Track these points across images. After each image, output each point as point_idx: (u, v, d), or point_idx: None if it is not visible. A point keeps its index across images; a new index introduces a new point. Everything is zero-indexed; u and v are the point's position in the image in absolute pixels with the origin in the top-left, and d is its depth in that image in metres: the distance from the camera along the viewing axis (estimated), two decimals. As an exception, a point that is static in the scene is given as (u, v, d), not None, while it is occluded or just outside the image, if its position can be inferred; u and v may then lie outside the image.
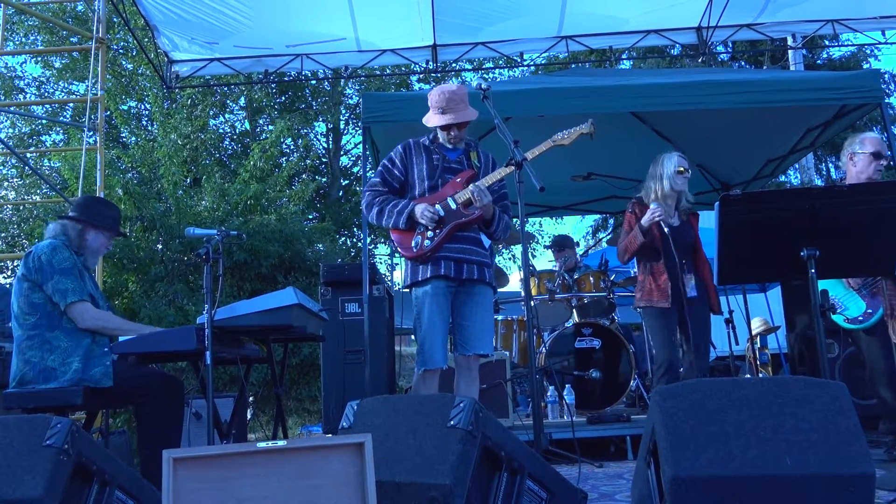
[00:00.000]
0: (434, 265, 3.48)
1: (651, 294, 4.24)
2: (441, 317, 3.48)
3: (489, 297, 3.64)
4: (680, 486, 1.90)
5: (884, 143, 4.16)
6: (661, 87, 5.22)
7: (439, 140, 3.66)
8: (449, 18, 7.30)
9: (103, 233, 3.64)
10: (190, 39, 7.44)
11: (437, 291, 3.47)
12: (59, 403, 3.25)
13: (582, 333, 5.70)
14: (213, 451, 1.94)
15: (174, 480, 1.81)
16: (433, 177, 3.57)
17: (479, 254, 3.57)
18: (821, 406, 1.98)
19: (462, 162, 3.64)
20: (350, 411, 2.48)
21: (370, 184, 3.71)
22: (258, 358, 4.09)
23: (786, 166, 7.65)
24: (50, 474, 2.13)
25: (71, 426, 2.25)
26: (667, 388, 2.14)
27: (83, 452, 2.27)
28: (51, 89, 16.78)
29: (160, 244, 10.29)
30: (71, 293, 3.36)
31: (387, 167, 3.68)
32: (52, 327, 3.35)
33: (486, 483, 2.16)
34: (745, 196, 2.88)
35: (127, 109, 15.50)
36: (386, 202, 3.58)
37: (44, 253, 3.40)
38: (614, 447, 4.93)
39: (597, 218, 18.27)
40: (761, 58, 16.20)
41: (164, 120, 12.13)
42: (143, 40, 7.85)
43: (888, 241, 2.74)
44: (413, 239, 3.51)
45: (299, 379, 10.45)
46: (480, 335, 3.53)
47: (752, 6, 7.32)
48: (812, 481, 1.87)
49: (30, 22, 15.40)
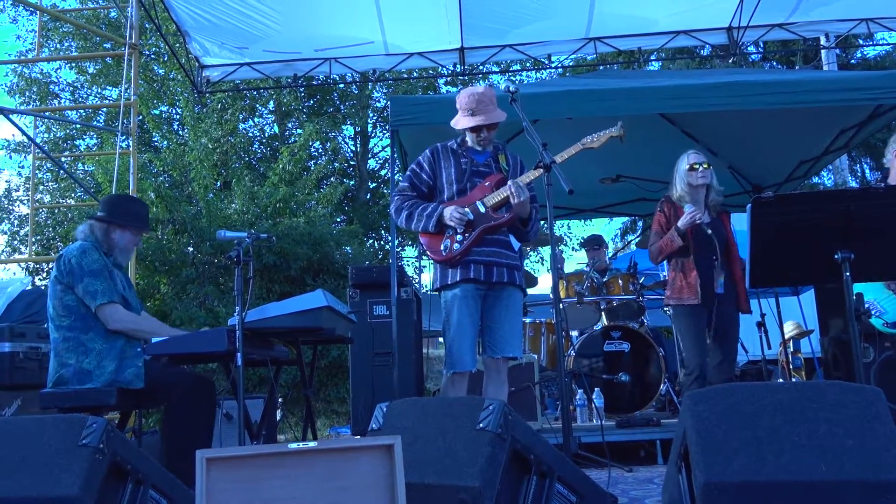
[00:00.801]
0: (463, 268, 3.48)
1: (681, 291, 4.14)
2: (470, 320, 3.47)
3: (519, 299, 3.62)
4: (712, 492, 1.88)
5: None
6: (691, 88, 5.17)
7: (467, 143, 3.65)
8: (476, 21, 7.30)
9: (130, 230, 3.65)
10: (220, 44, 7.53)
11: (466, 294, 3.46)
12: (93, 403, 3.30)
13: (611, 336, 5.66)
14: (244, 451, 1.96)
15: (207, 480, 1.84)
16: (461, 180, 3.57)
17: (509, 256, 3.55)
18: (856, 411, 1.95)
19: (490, 165, 3.63)
20: (379, 413, 2.49)
21: (399, 189, 3.72)
22: (288, 360, 4.13)
23: (819, 168, 7.54)
24: (86, 473, 2.17)
25: (106, 426, 2.28)
26: (699, 392, 2.12)
27: (118, 452, 2.31)
28: (84, 94, 17.11)
29: (191, 247, 10.44)
30: (100, 295, 3.39)
31: (415, 171, 3.68)
32: (87, 329, 3.40)
33: (515, 486, 2.15)
34: (777, 198, 2.85)
35: (159, 114, 15.74)
36: (415, 206, 3.59)
37: (73, 256, 3.44)
38: (644, 451, 4.89)
39: (625, 220, 18.15)
40: (793, 58, 15.98)
41: (195, 124, 12.30)
42: (175, 46, 7.95)
43: (925, 243, 2.69)
44: (442, 243, 3.51)
45: (328, 381, 10.53)
46: (509, 338, 3.52)
47: (784, 6, 7.22)
48: (847, 487, 1.84)
49: (64, 28, 15.72)
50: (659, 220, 4.30)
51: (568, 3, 7.13)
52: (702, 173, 4.21)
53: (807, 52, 14.83)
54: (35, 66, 15.97)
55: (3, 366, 4.28)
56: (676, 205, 4.28)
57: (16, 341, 4.34)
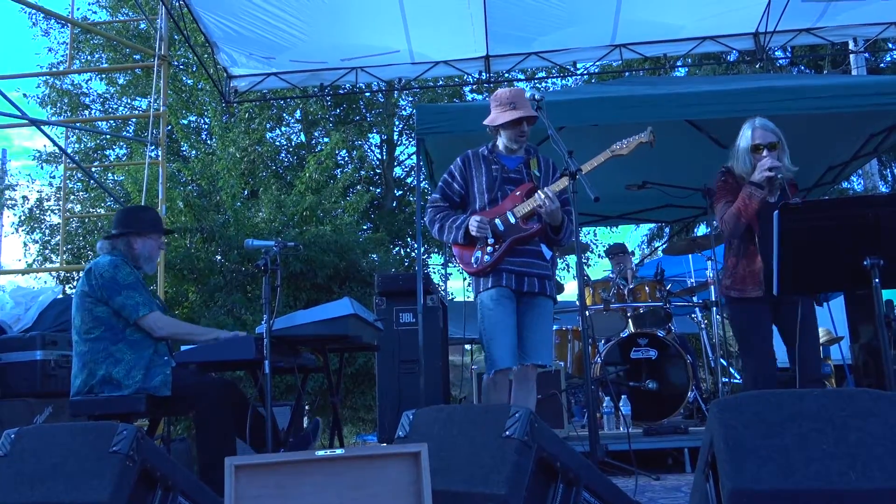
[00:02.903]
0: (496, 277, 3.49)
1: (744, 281, 3.52)
2: (508, 319, 3.46)
3: (549, 308, 3.62)
4: (740, 500, 1.86)
5: None
6: (717, 95, 5.15)
7: (499, 148, 3.65)
8: (502, 29, 7.32)
9: (149, 237, 3.71)
10: (248, 55, 7.63)
11: (501, 295, 3.47)
12: (123, 410, 3.36)
13: (637, 344, 5.62)
14: (273, 458, 1.99)
15: (236, 487, 1.86)
16: (493, 189, 3.57)
17: (540, 266, 3.55)
18: (887, 419, 1.93)
19: (521, 171, 3.62)
20: (406, 421, 2.50)
21: (431, 200, 3.75)
22: (315, 367, 4.16)
23: (848, 173, 7.44)
24: (117, 479, 2.20)
25: (136, 433, 2.32)
26: (726, 399, 2.11)
27: (148, 458, 2.34)
28: (115, 105, 17.38)
29: (219, 255, 10.54)
30: (142, 306, 3.47)
31: (447, 181, 3.70)
32: (116, 340, 3.46)
33: (541, 494, 2.15)
34: (805, 205, 2.82)
35: (187, 124, 15.94)
36: (445, 218, 3.62)
37: (106, 270, 3.49)
38: (672, 459, 4.85)
39: (652, 227, 18.01)
40: (821, 62, 15.78)
41: (223, 134, 12.43)
42: (203, 56, 8.06)
43: (957, 249, 2.65)
44: (473, 255, 3.53)
45: (354, 388, 10.55)
46: (539, 345, 3.51)
47: (812, 10, 7.15)
48: (877, 496, 1.81)
49: (95, 41, 16.00)
50: (725, 188, 3.62)
51: (593, 10, 7.12)
52: (770, 161, 3.40)
53: (835, 57, 14.63)
54: (66, 78, 16.25)
55: (34, 374, 4.36)
56: (737, 174, 3.60)
57: (47, 349, 4.41)
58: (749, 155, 3.51)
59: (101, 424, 2.45)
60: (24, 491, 2.24)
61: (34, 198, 16.74)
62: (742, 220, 3.44)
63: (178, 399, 3.47)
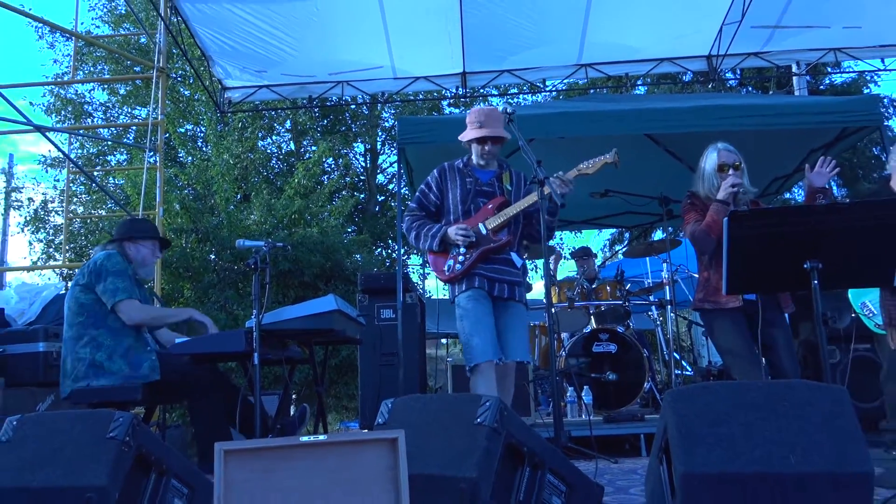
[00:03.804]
0: (469, 280, 3.46)
1: (717, 293, 3.37)
2: (486, 317, 3.39)
3: (522, 311, 3.57)
4: (690, 482, 1.88)
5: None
6: (674, 111, 5.19)
7: (472, 162, 3.62)
8: (477, 48, 7.33)
9: (143, 243, 3.69)
10: (241, 68, 7.57)
11: (478, 295, 3.43)
12: (120, 399, 3.32)
13: (599, 338, 5.65)
14: (260, 444, 1.96)
15: (225, 470, 1.84)
16: (466, 201, 3.54)
17: (511, 273, 3.52)
18: (823, 408, 1.95)
19: (493, 185, 3.59)
20: (385, 409, 2.48)
21: (409, 209, 3.72)
22: (301, 359, 4.13)
23: (791, 184, 7.54)
24: (113, 464, 2.16)
25: (132, 420, 2.28)
26: (679, 390, 2.12)
27: (143, 444, 2.30)
28: (116, 114, 17.16)
29: (213, 254, 10.45)
30: (120, 292, 3.43)
31: (424, 192, 3.67)
32: (98, 326, 3.43)
33: (509, 476, 2.15)
34: (752, 212, 2.85)
35: (184, 132, 15.79)
36: (421, 227, 3.59)
37: (99, 258, 3.51)
38: (629, 445, 4.88)
39: (613, 232, 18.14)
40: (767, 83, 16.01)
41: (218, 141, 12.33)
42: (200, 69, 7.98)
43: (886, 254, 2.69)
44: (446, 262, 3.51)
45: (338, 379, 10.51)
46: (516, 343, 3.45)
47: (760, 36, 7.25)
48: (814, 479, 1.84)
49: (98, 53, 15.79)
50: (692, 209, 3.55)
51: (561, 32, 7.16)
52: (733, 179, 3.39)
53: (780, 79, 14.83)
54: (70, 88, 16.03)
55: (37, 364, 4.29)
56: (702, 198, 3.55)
57: (50, 342, 4.35)
58: (716, 175, 3.49)
59: (98, 412, 2.40)
60: (25, 475, 2.19)
61: (39, 200, 16.54)
62: (712, 236, 3.38)
63: (171, 387, 3.44)
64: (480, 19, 6.90)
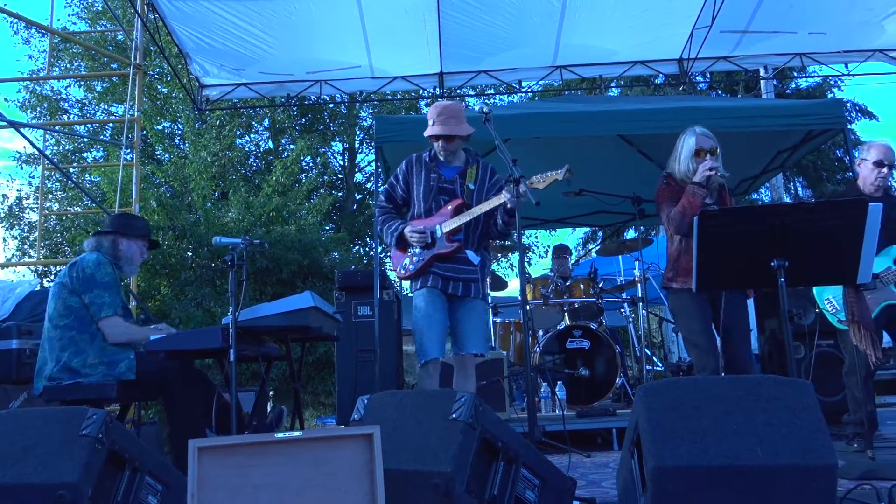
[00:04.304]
0: (424, 279, 3.48)
1: (687, 274, 3.35)
2: (437, 314, 3.43)
3: (480, 306, 3.56)
4: (661, 475, 1.89)
5: (890, 152, 3.92)
6: (646, 113, 5.22)
7: (439, 156, 3.58)
8: (454, 49, 7.32)
9: (135, 241, 3.65)
10: (219, 66, 7.47)
11: (431, 294, 3.45)
12: (95, 396, 3.26)
13: (573, 335, 5.68)
14: (234, 440, 1.94)
15: (199, 467, 1.81)
16: (428, 199, 3.52)
17: (467, 271, 3.49)
18: (789, 402, 1.97)
19: (455, 182, 3.55)
20: (361, 405, 2.47)
21: (378, 202, 3.71)
22: (278, 356, 4.09)
23: (758, 185, 7.65)
24: (85, 461, 2.13)
25: (105, 417, 2.24)
26: (650, 385, 2.13)
27: (116, 441, 2.27)
28: (92, 111, 16.87)
29: (190, 252, 10.33)
30: (106, 307, 3.39)
31: (392, 184, 3.66)
32: (83, 330, 3.37)
33: (484, 471, 2.15)
34: (721, 212, 2.88)
35: (161, 129, 15.57)
36: (385, 222, 3.60)
37: (89, 266, 3.43)
38: (601, 439, 4.91)
39: (587, 230, 18.26)
40: (736, 87, 16.21)
41: (195, 139, 12.19)
42: (177, 67, 7.87)
43: (849, 253, 2.73)
44: (402, 262, 3.54)
45: (315, 375, 10.45)
46: (473, 336, 3.48)
47: (729, 40, 7.33)
48: (780, 471, 1.86)
49: (74, 50, 15.51)
50: (668, 191, 3.57)
51: (536, 34, 7.17)
52: (710, 163, 3.43)
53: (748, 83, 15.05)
54: (46, 84, 15.71)
55: (10, 362, 4.19)
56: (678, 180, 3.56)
57: (23, 339, 4.25)
58: (692, 159, 3.49)
59: (71, 409, 2.35)
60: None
61: (14, 196, 16.19)
62: (686, 218, 3.37)
63: (146, 384, 3.38)
64: (458, 20, 6.89)
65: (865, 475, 2.81)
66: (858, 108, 18.29)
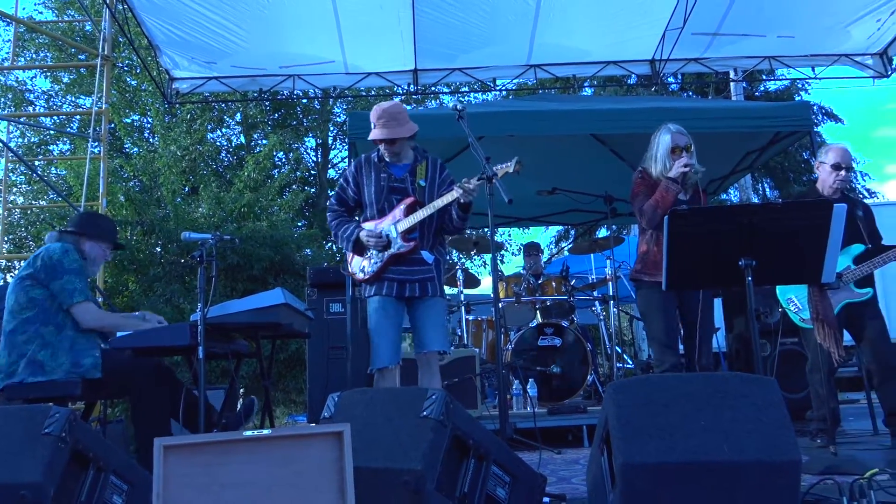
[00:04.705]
0: (378, 285, 3.48)
1: (656, 267, 3.39)
2: (389, 321, 3.46)
3: (439, 303, 3.57)
4: (629, 472, 1.90)
5: (847, 154, 3.98)
6: (619, 113, 5.27)
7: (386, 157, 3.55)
8: (429, 46, 7.30)
9: (100, 243, 3.57)
10: (190, 59, 7.36)
11: (383, 302, 3.47)
12: (58, 394, 3.19)
13: (544, 333, 5.71)
14: (201, 438, 1.91)
15: (165, 466, 1.78)
16: (380, 199, 3.51)
17: (422, 272, 3.50)
18: (755, 399, 2.00)
19: (406, 181, 3.54)
20: (331, 402, 2.45)
21: (329, 205, 3.68)
22: (248, 353, 4.04)
23: (727, 185, 7.76)
24: (48, 460, 2.09)
25: (69, 415, 2.20)
26: (620, 382, 2.15)
27: (80, 440, 2.22)
28: (58, 102, 16.51)
29: (159, 247, 10.18)
30: (78, 293, 3.32)
31: (342, 186, 3.64)
32: (47, 322, 3.29)
33: (455, 468, 2.15)
34: (691, 211, 2.91)
35: (130, 122, 15.30)
36: (338, 226, 3.58)
37: (56, 253, 3.35)
38: (572, 436, 4.94)
39: (559, 229, 18.38)
40: (707, 88, 16.42)
41: (165, 133, 12.00)
42: (147, 59, 7.72)
43: (814, 252, 2.78)
44: (360, 265, 3.52)
45: (287, 372, 10.37)
46: (432, 334, 3.49)
47: (700, 42, 7.42)
48: (746, 467, 1.88)
49: (40, 40, 15.15)
50: (643, 185, 3.63)
51: (511, 32, 7.19)
52: (685, 159, 3.49)
53: (718, 84, 15.27)
54: (10, 74, 15.32)
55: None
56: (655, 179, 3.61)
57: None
58: (669, 156, 3.56)
59: (34, 407, 2.30)
60: (-45, 472, 2.08)
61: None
62: (659, 212, 3.41)
63: (112, 382, 3.32)
64: (432, 17, 6.88)
65: (828, 470, 2.87)
66: (824, 112, 18.67)
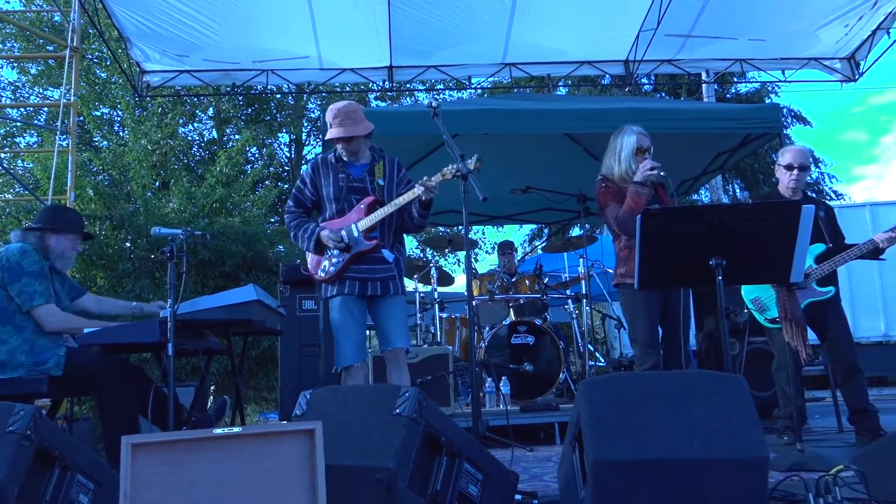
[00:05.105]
0: (340, 285, 3.47)
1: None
2: (352, 321, 3.46)
3: (400, 301, 3.58)
4: (601, 469, 1.91)
5: (804, 155, 4.04)
6: (592, 112, 5.29)
7: (344, 157, 3.54)
8: (404, 42, 7.29)
9: (65, 236, 3.50)
10: (161, 52, 7.25)
11: (344, 302, 3.47)
12: (24, 391, 3.13)
13: (518, 331, 5.73)
14: (170, 437, 1.88)
15: (132, 465, 1.75)
16: (340, 199, 3.50)
17: (382, 270, 3.51)
18: (724, 397, 2.02)
19: (365, 180, 3.54)
20: (303, 400, 2.43)
21: (287, 206, 3.65)
22: (219, 350, 4.00)
23: (698, 186, 7.85)
24: (12, 458, 2.04)
25: (34, 413, 2.15)
26: (592, 380, 2.16)
27: (46, 438, 2.18)
28: (26, 94, 16.17)
29: (128, 242, 10.01)
30: (38, 296, 3.26)
31: (300, 188, 3.62)
32: (4, 322, 3.24)
33: (427, 466, 2.14)
34: (663, 211, 2.94)
35: (100, 115, 15.01)
36: (299, 226, 3.56)
37: (13, 255, 3.29)
38: (544, 433, 4.97)
39: (533, 227, 18.47)
40: (679, 90, 16.62)
41: (135, 126, 11.80)
42: (117, 51, 7.60)
43: (783, 252, 2.82)
44: (321, 264, 3.51)
45: (258, 370, 10.27)
46: (396, 332, 3.51)
47: (673, 44, 7.51)
48: (715, 464, 1.91)
49: (7, 30, 14.81)
50: (609, 193, 3.61)
51: (486, 30, 7.20)
52: (651, 162, 3.48)
53: (690, 86, 15.46)
54: (-24, 65, 14.97)
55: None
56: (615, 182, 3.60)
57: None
58: (633, 157, 3.58)
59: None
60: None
61: (-61, 181, 15.34)
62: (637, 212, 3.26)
63: (78, 379, 3.26)
64: (408, 14, 6.86)
65: (795, 467, 2.92)
66: (794, 114, 19.03)
